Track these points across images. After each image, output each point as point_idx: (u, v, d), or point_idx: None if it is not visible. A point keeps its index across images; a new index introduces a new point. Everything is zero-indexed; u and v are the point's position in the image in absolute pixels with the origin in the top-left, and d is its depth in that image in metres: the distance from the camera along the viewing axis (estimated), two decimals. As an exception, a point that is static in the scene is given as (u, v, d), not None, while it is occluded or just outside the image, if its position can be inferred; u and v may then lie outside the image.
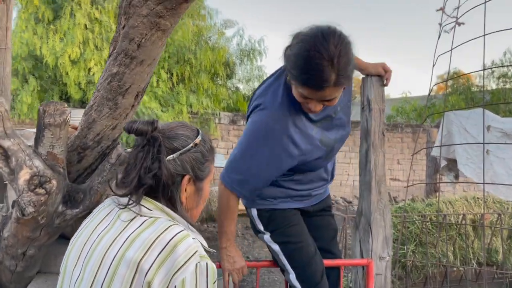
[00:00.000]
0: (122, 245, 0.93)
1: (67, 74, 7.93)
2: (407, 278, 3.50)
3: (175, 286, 0.89)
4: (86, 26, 8.04)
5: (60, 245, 1.81)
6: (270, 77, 1.58)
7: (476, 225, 3.68)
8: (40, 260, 1.64)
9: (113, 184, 1.04)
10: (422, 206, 3.90)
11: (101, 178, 1.64)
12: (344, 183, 10.78)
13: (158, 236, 0.92)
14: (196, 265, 0.91)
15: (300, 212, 1.74)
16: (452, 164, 5.64)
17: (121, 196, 1.01)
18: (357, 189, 8.90)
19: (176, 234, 0.93)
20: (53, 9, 8.67)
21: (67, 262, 1.02)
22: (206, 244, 1.04)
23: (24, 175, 1.33)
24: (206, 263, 0.94)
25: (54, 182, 1.39)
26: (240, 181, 1.51)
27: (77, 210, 1.53)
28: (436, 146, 5.25)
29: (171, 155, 1.01)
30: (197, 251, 0.93)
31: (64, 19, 8.12)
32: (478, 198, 3.99)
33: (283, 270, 1.70)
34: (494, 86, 13.51)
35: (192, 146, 1.04)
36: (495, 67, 11.95)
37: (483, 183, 3.23)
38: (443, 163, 5.71)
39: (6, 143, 1.40)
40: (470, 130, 5.13)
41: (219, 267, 1.63)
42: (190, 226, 1.03)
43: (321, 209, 1.84)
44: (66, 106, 1.45)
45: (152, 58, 1.52)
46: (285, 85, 1.48)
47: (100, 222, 1.02)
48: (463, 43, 2.40)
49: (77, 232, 1.06)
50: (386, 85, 1.96)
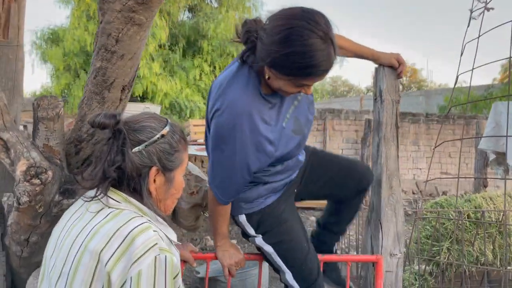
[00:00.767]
0: (87, 236, 0.95)
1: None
2: (443, 276, 3.36)
3: (131, 278, 0.88)
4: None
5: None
6: (226, 73, 1.46)
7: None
8: (44, 246, 1.74)
9: (79, 177, 1.08)
10: (461, 202, 3.69)
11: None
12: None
13: (119, 228, 0.93)
14: (155, 257, 0.91)
15: (289, 188, 1.68)
16: (501, 157, 5.30)
17: (87, 188, 1.04)
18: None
19: (136, 227, 0.94)
20: (103, 6, 9.04)
21: (47, 250, 1.08)
22: (174, 236, 1.05)
23: (21, 166, 1.41)
24: (165, 256, 0.92)
25: (50, 173, 1.45)
26: (221, 185, 1.47)
27: (73, 200, 1.59)
28: (469, 138, 4.93)
29: (137, 147, 1.02)
30: (156, 244, 0.93)
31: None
32: (525, 195, 3.71)
33: (279, 271, 1.67)
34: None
35: (158, 138, 1.04)
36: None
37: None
38: (492, 157, 5.37)
39: (6, 136, 1.48)
40: (521, 121, 4.76)
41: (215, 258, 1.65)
42: (158, 218, 1.04)
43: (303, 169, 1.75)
44: (60, 100, 1.52)
45: (132, 52, 1.54)
46: (248, 80, 1.39)
47: (74, 213, 1.06)
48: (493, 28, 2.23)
49: (58, 221, 1.11)
50: (400, 77, 1.88)
